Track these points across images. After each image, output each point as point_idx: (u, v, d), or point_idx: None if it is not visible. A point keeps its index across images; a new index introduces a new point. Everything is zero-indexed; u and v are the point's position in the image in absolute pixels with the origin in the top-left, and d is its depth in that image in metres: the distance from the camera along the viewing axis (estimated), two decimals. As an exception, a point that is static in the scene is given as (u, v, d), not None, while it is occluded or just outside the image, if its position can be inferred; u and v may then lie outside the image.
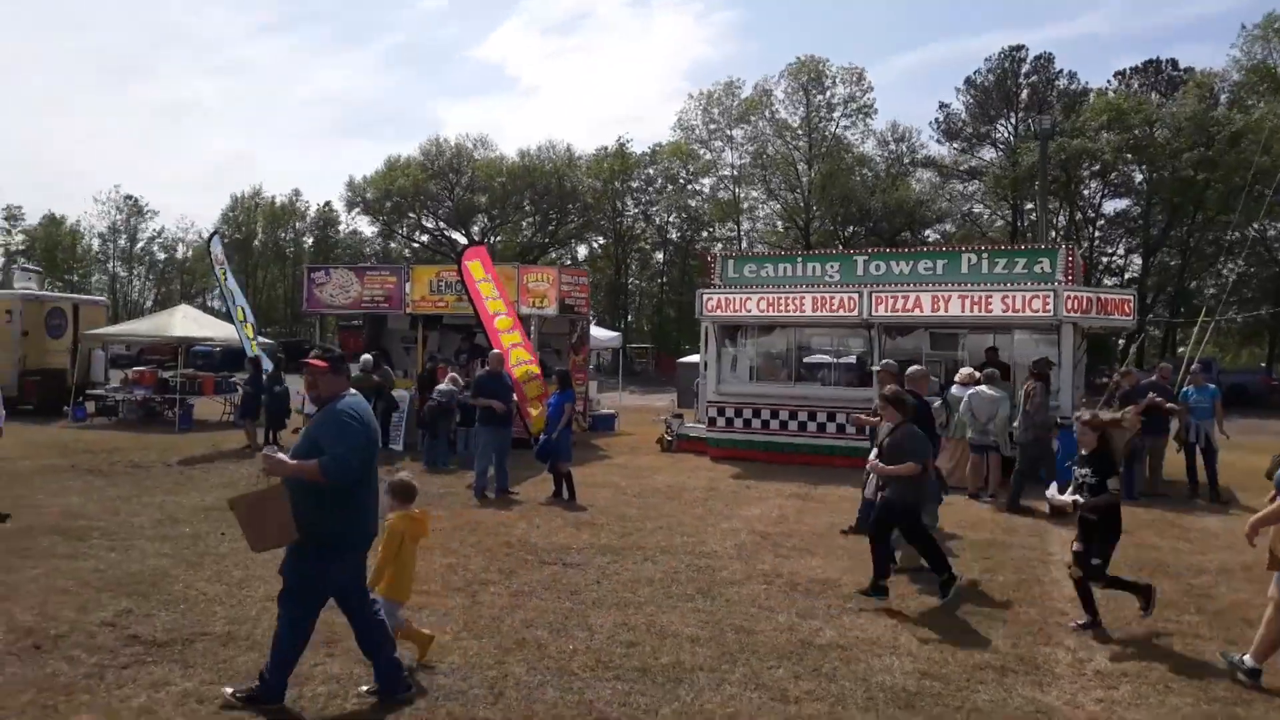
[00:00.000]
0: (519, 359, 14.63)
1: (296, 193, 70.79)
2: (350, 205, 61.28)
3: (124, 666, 5.54)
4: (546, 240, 59.54)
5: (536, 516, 10.67)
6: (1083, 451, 7.01)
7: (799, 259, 16.99)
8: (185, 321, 22.23)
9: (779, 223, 56.20)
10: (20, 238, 68.46)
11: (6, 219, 68.21)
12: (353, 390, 5.18)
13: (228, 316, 22.73)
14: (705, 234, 57.75)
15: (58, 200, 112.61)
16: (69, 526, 9.39)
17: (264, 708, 4.91)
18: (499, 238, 58.69)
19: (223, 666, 5.57)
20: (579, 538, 9.52)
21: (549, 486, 12.10)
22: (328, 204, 69.42)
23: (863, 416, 10.49)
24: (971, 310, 14.21)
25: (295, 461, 4.83)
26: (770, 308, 15.68)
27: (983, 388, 12.33)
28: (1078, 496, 6.86)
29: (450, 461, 14.81)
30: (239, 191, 74.47)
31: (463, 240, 55.34)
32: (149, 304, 68.52)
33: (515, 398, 13.23)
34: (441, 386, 14.99)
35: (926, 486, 8.11)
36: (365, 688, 5.24)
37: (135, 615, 6.54)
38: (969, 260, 15.14)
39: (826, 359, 17.31)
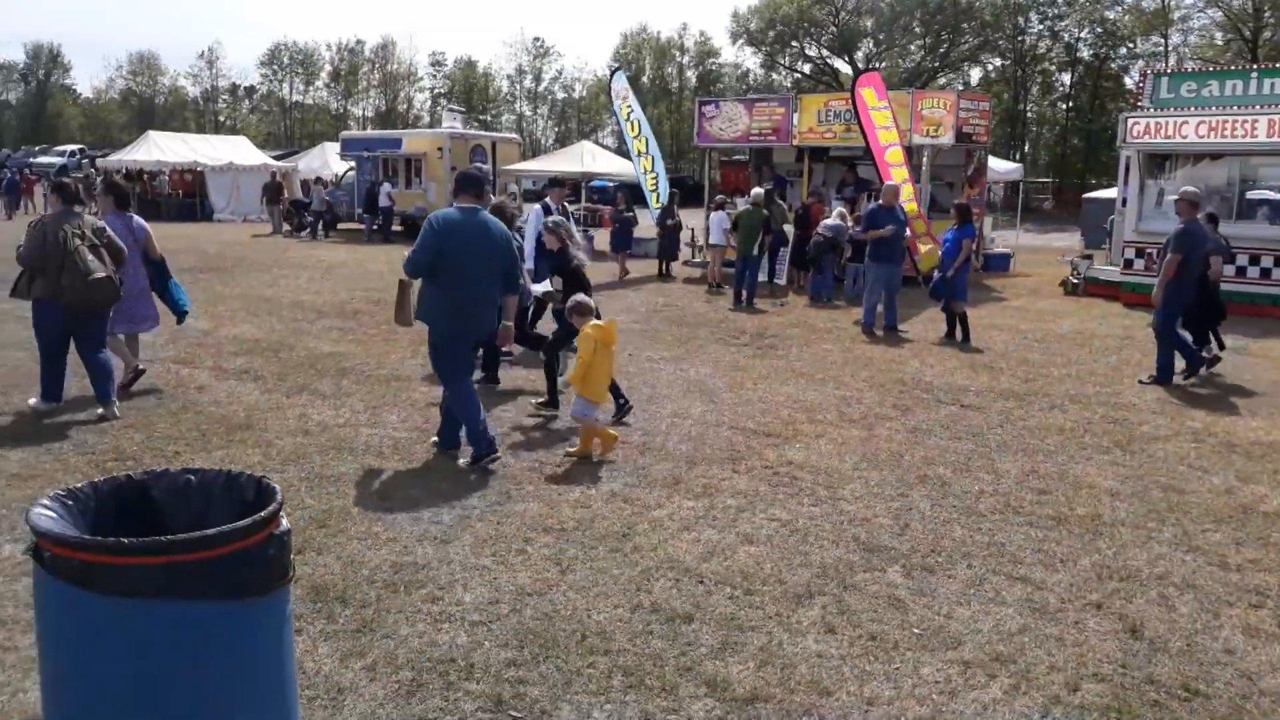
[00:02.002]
0: (907, 195, 14.02)
1: (684, 26, 71.68)
2: (734, 36, 60.96)
3: (557, 465, 6.17)
4: (936, 65, 55.76)
5: (929, 356, 10.36)
6: None
7: (1252, 74, 14.48)
8: (588, 157, 23.60)
9: (1218, 34, 48.23)
10: (443, 81, 75.85)
11: (432, 64, 75.83)
12: (468, 206, 6.08)
13: (623, 153, 23.86)
14: (1123, 50, 51.05)
15: (471, 44, 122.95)
16: (501, 340, 10.53)
17: (488, 459, 6.01)
18: (883, 64, 55.80)
19: (641, 472, 6.03)
20: (976, 380, 9.13)
21: (940, 326, 11.67)
22: (704, 35, 69.65)
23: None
24: None
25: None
26: (1212, 132, 13.60)
27: None
28: None
29: (835, 296, 14.73)
30: (627, 28, 76.77)
31: (845, 68, 53.39)
32: (550, 142, 73.71)
33: (907, 233, 12.75)
34: (829, 221, 14.78)
35: None
36: (462, 460, 6.16)
37: (564, 422, 7.23)
38: None
39: (1276, 195, 14.85)
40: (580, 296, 6.83)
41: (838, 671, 3.69)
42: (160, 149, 32.33)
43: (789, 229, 16.20)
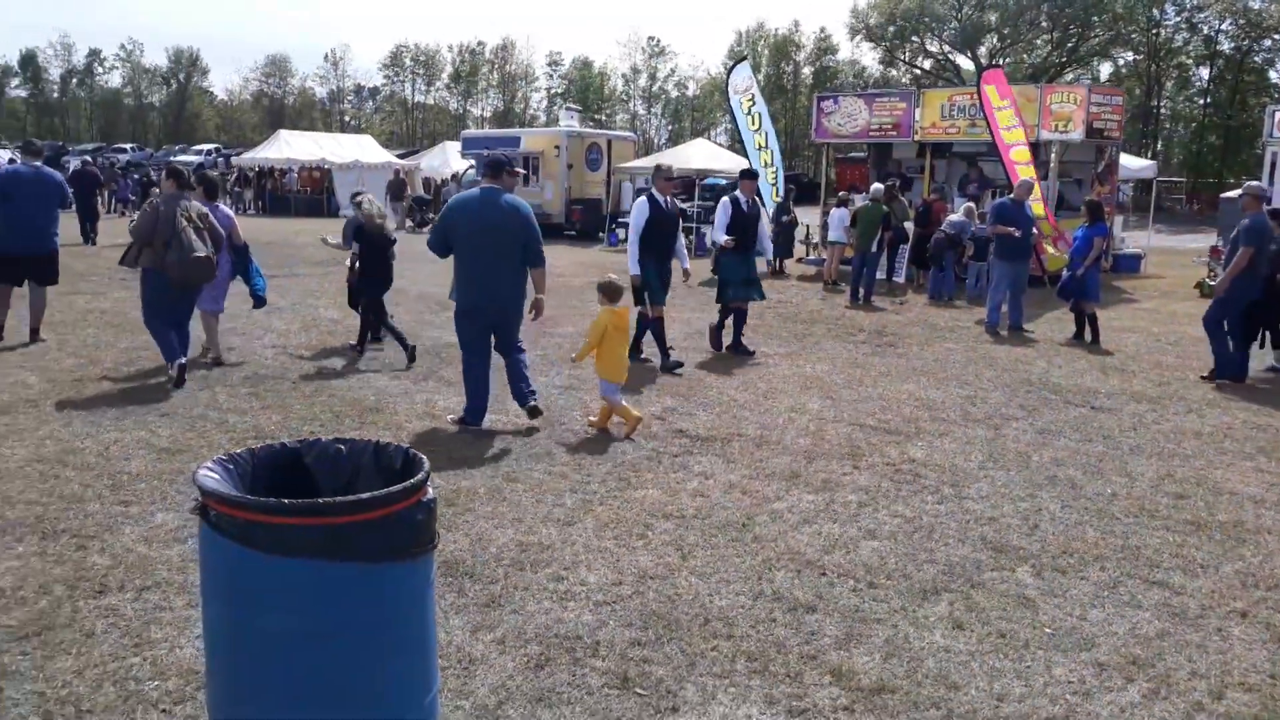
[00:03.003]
0: (1035, 195, 13.57)
1: (796, 24, 71.06)
2: (853, 32, 60.06)
3: (675, 455, 6.20)
4: (1064, 60, 53.82)
5: (1056, 356, 10.03)
6: None
7: None
8: (703, 155, 23.60)
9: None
10: (559, 81, 76.94)
11: (549, 64, 76.94)
12: (490, 187, 6.62)
13: (737, 150, 23.77)
14: (1268, 43, 48.35)
15: (587, 45, 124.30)
16: (617, 333, 10.63)
17: (468, 426, 6.65)
18: (1008, 59, 54.16)
19: (759, 465, 6.01)
20: (1107, 382, 8.80)
21: (1068, 326, 11.29)
22: (824, 31, 68.81)
23: None
24: None
25: None
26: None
27: None
28: None
29: (956, 295, 14.39)
30: (744, 26, 76.48)
31: (968, 64, 52.02)
32: (662, 140, 73.98)
33: (1034, 231, 12.36)
34: (953, 217, 14.46)
35: None
36: (452, 416, 6.84)
37: (679, 413, 7.27)
38: None
39: None
40: (610, 277, 7.22)
41: (966, 667, 3.62)
42: (290, 147, 33.70)
43: (909, 226, 15.90)
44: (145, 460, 5.70)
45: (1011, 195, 12.21)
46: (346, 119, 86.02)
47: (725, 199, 9.85)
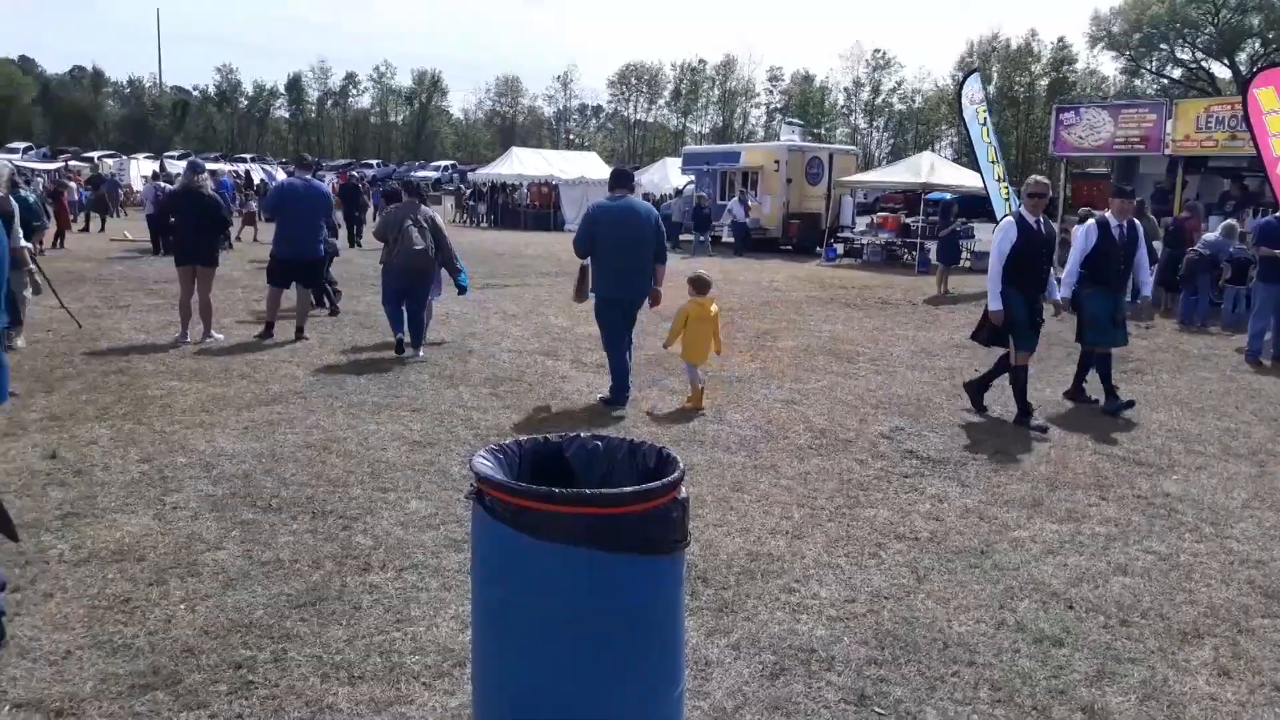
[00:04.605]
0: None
1: (1032, 32, 67.89)
2: (1094, 41, 56.84)
3: (905, 475, 6.05)
4: (1340, 66, 48.71)
5: (1333, 390, 9.08)
6: None
7: None
8: (929, 168, 22.95)
9: None
10: (779, 96, 76.89)
11: (770, 80, 77.00)
12: (618, 194, 7.53)
13: (962, 164, 22.93)
14: None
15: (808, 59, 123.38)
16: (839, 350, 10.50)
17: (615, 407, 7.44)
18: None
19: (997, 490, 5.77)
20: (1397, 420, 7.88)
21: (1347, 357, 10.19)
22: (1062, 41, 65.35)
23: None
24: None
25: None
26: None
27: None
28: None
29: (1210, 321, 13.28)
30: (975, 36, 73.82)
31: (1224, 72, 48.01)
32: (884, 154, 72.45)
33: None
34: (1208, 237, 13.38)
35: None
36: (600, 395, 7.66)
37: (907, 433, 7.08)
38: None
39: None
40: (700, 272, 7.87)
41: (1235, 717, 3.34)
42: (521, 163, 35.36)
43: (1158, 246, 14.82)
44: (400, 451, 6.12)
45: (1277, 214, 11.16)
46: (571, 137, 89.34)
47: (1091, 222, 7.99)
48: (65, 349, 8.95)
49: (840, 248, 23.73)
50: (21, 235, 7.02)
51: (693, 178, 28.87)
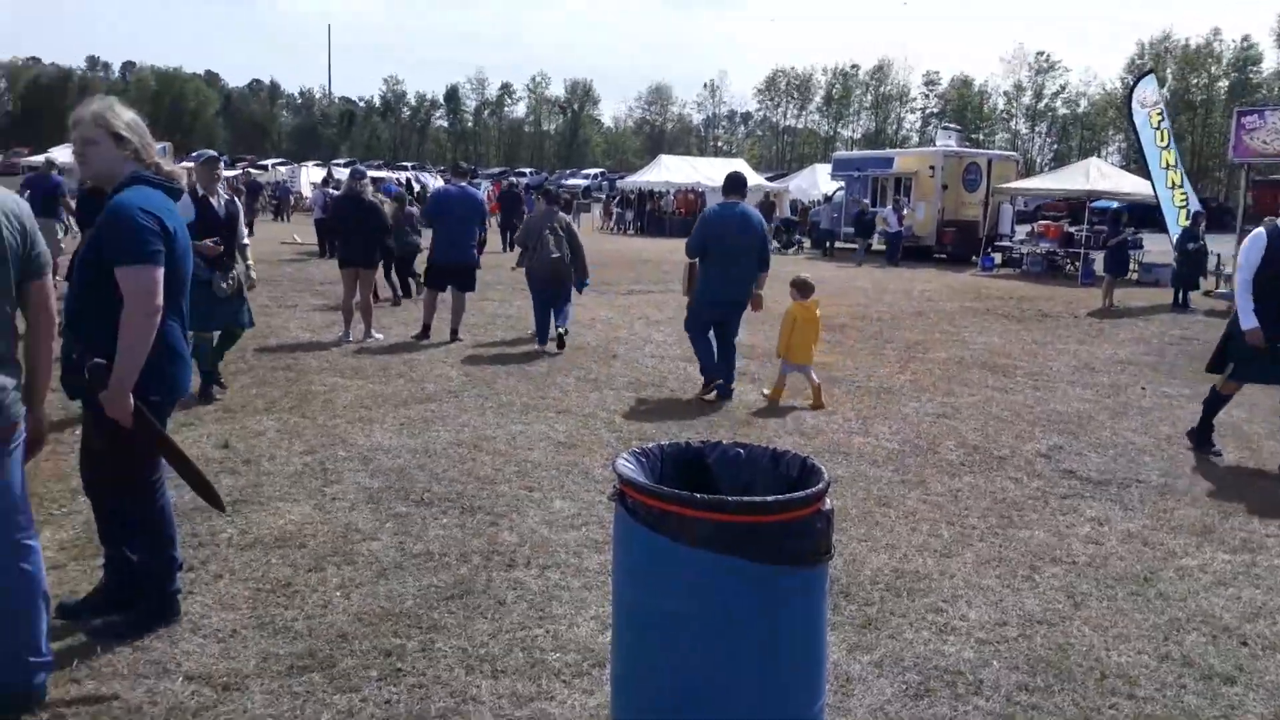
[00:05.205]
0: None
1: (1215, 32, 63.86)
2: (1282, 40, 53.04)
3: (1063, 496, 5.77)
4: None
5: None
6: None
7: None
8: (1094, 175, 21.91)
9: None
10: (935, 101, 74.88)
11: (926, 84, 75.09)
12: (731, 201, 7.95)
13: (1132, 170, 21.75)
14: None
15: (967, 63, 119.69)
16: (995, 363, 10.12)
17: (714, 389, 7.93)
18: None
19: (1162, 515, 5.44)
20: None
21: None
22: (1247, 40, 61.18)
23: None
24: None
25: None
26: None
27: None
28: None
29: None
30: (1147, 37, 70.08)
31: None
32: (1045, 159, 69.52)
33: None
34: None
35: None
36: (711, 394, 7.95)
37: (1066, 452, 6.76)
38: None
39: None
40: (803, 275, 8.27)
41: None
42: (669, 171, 35.57)
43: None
44: (545, 451, 6.25)
45: None
46: (720, 145, 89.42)
47: (1260, 231, 6.66)
48: (238, 345, 9.53)
49: (998, 257, 22.90)
50: (245, 233, 7.65)
51: (843, 184, 28.41)
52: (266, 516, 4.89)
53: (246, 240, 7.67)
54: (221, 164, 7.90)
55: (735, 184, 8.13)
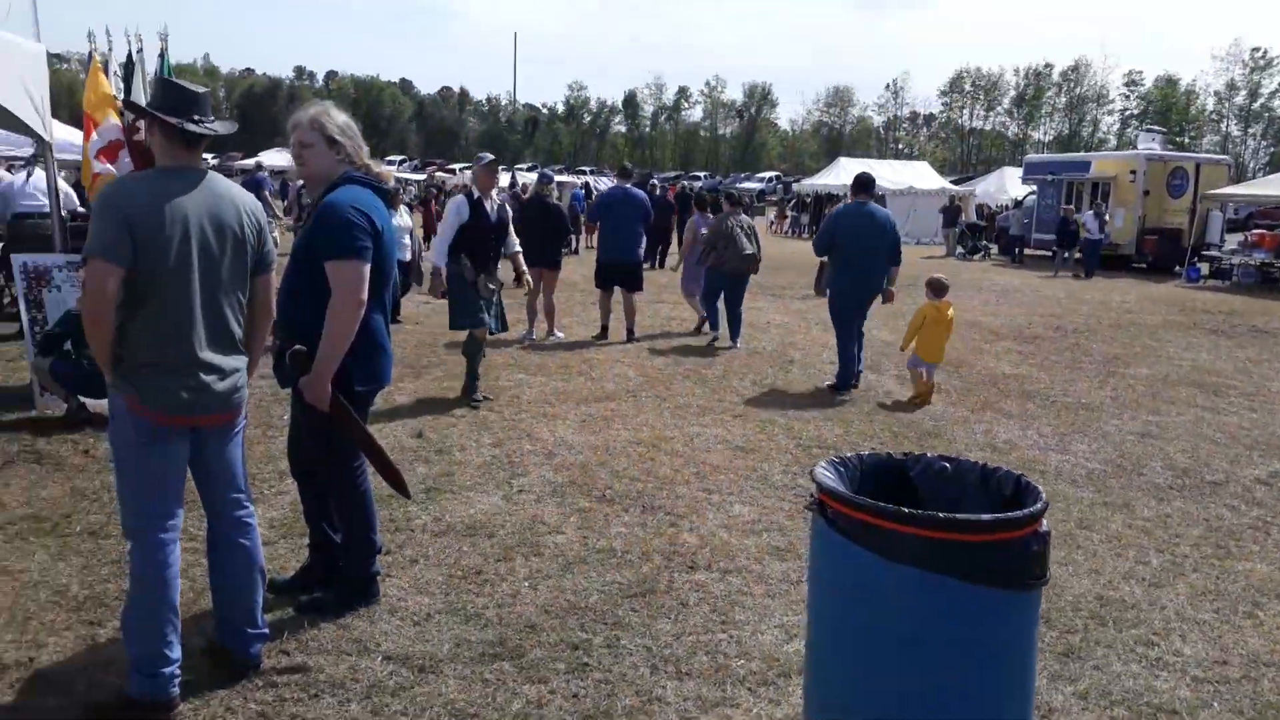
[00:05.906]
0: None
1: None
2: None
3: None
4: None
5: None
6: None
7: None
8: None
9: None
10: (1136, 102, 70.49)
11: (1126, 84, 70.66)
12: (860, 200, 8.31)
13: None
14: None
15: (1173, 61, 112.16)
16: (1204, 381, 9.40)
17: (840, 389, 8.21)
18: None
19: None
20: None
21: None
22: None
23: None
24: None
25: None
26: None
27: None
28: None
29: None
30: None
31: None
32: (1259, 164, 64.32)
33: None
34: None
35: None
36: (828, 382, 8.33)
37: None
38: None
39: None
40: (938, 276, 8.37)
41: None
42: (848, 173, 34.81)
43: None
44: (723, 454, 6.22)
45: None
46: (900, 147, 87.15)
47: None
48: (430, 340, 9.95)
49: (1205, 267, 21.31)
50: (516, 242, 7.98)
51: (1034, 188, 27.10)
52: (458, 505, 5.07)
53: (518, 248, 7.96)
54: (499, 169, 8.19)
55: (863, 184, 8.38)
